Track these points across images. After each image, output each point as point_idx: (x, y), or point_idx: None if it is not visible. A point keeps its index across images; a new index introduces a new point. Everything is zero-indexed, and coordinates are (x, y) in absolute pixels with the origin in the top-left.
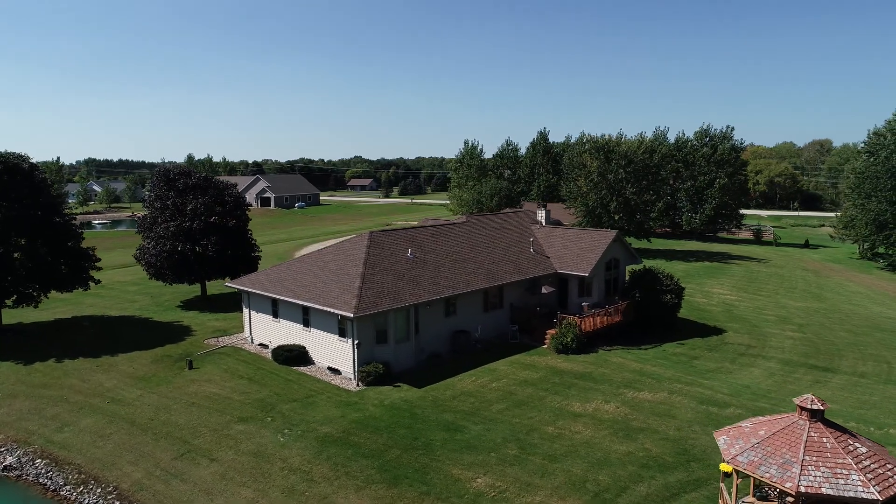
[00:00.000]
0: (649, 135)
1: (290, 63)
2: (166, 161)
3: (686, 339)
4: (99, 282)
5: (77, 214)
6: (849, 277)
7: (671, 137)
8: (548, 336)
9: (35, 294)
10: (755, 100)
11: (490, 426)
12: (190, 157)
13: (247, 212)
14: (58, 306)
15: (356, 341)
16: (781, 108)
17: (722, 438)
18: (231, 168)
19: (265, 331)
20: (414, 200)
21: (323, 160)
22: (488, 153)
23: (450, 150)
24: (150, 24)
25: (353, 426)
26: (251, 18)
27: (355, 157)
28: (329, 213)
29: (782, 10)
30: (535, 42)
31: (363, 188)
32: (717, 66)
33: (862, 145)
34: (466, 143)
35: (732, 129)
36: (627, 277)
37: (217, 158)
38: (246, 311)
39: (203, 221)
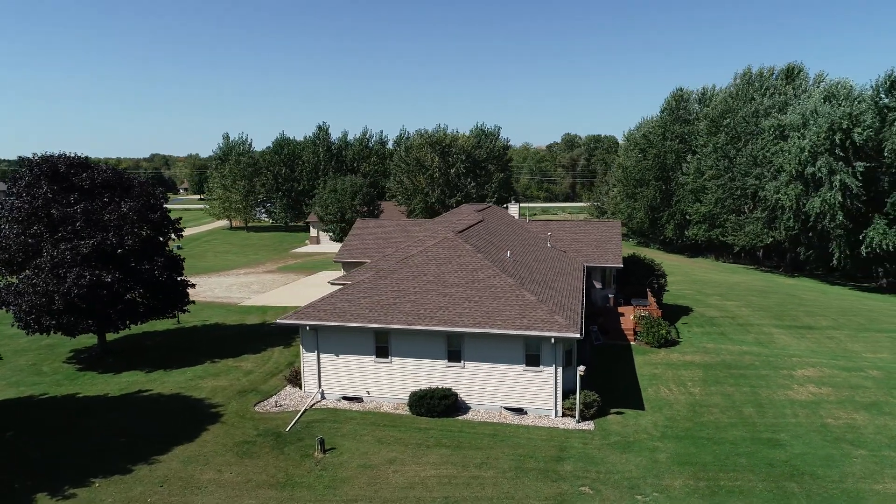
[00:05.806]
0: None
1: None
2: None
3: (678, 319)
4: None
5: None
6: (652, 256)
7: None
8: (628, 332)
9: None
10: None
11: (789, 432)
12: None
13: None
14: None
15: (579, 368)
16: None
17: None
18: None
19: (356, 379)
20: None
21: None
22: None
23: (108, 150)
24: None
25: (698, 472)
26: None
27: None
28: None
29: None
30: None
31: None
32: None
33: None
34: (226, 136)
35: (500, 128)
36: None
37: None
38: (310, 355)
39: (138, 236)
